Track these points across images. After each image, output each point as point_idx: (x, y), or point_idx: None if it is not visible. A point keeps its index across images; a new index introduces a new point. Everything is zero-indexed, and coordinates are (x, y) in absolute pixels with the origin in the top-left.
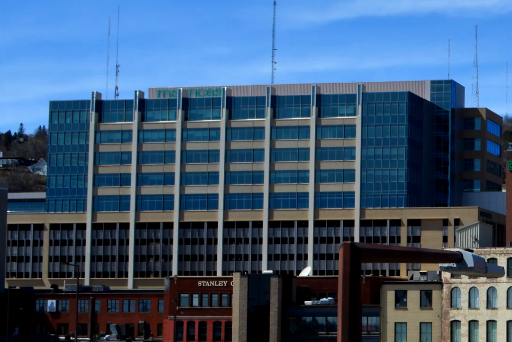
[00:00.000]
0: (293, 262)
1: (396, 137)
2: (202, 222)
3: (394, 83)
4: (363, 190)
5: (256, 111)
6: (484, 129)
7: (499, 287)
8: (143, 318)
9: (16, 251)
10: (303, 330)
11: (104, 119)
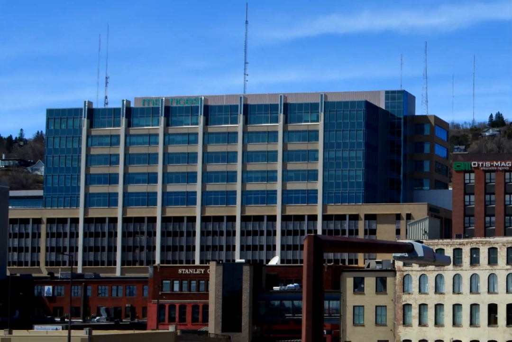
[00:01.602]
0: (263, 252)
1: (354, 141)
2: (182, 216)
3: (352, 93)
4: (325, 188)
5: (230, 118)
6: (433, 134)
7: (446, 274)
8: (130, 302)
9: (17, 242)
10: (271, 313)
11: (95, 125)
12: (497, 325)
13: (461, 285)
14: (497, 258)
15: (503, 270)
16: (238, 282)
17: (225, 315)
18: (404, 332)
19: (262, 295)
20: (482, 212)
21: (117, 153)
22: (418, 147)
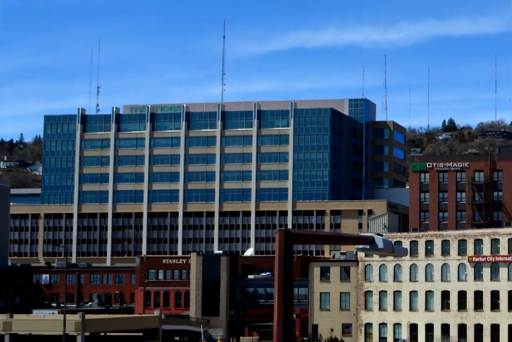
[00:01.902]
0: (238, 244)
1: (321, 144)
2: (166, 212)
3: (319, 101)
4: (294, 186)
5: (209, 124)
6: (391, 138)
7: (404, 264)
8: (119, 289)
9: (17, 235)
10: (246, 299)
11: (88, 130)
12: (449, 310)
13: (417, 274)
14: (450, 249)
15: (455, 260)
16: (217, 271)
17: (204, 300)
18: (365, 316)
19: (238, 282)
20: (436, 208)
21: (108, 155)
22: (378, 150)
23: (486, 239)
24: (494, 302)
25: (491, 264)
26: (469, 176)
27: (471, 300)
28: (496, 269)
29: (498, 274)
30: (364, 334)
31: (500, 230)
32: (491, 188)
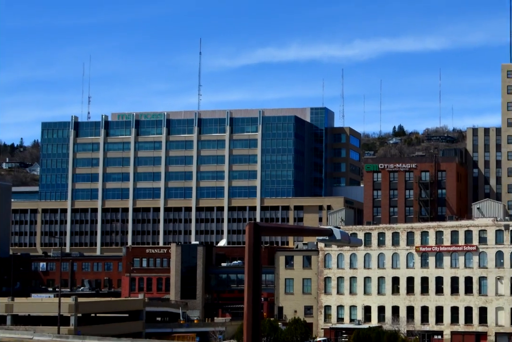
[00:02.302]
0: (213, 236)
1: (285, 148)
2: (149, 207)
3: (284, 110)
4: (262, 185)
5: (187, 130)
6: (348, 142)
7: (359, 253)
8: (107, 275)
9: (18, 228)
10: (220, 284)
11: (80, 135)
12: (399, 293)
13: (370, 262)
14: (399, 240)
15: (404, 250)
16: (193, 260)
17: (183, 285)
18: (325, 299)
19: (213, 270)
20: (387, 204)
21: (98, 157)
22: (336, 153)
23: (431, 231)
24: (439, 286)
25: (435, 253)
26: (416, 176)
27: (418, 285)
28: (440, 258)
29: (442, 262)
30: (324, 315)
31: (443, 223)
32: (435, 186)
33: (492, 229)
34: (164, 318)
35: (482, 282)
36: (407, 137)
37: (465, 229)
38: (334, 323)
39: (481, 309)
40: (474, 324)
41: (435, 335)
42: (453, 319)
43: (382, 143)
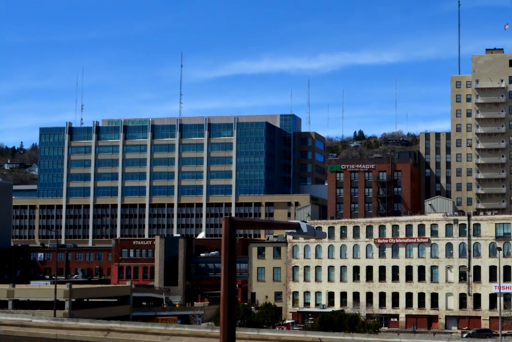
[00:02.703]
0: (193, 229)
1: (258, 151)
2: (135, 203)
3: (256, 116)
4: (237, 183)
5: (170, 134)
6: (313, 145)
7: (323, 245)
8: (98, 265)
9: (18, 222)
10: (199, 272)
11: (74, 139)
12: (359, 281)
13: (334, 252)
14: (359, 233)
15: (363, 242)
16: (175, 250)
17: (166, 273)
18: (293, 286)
19: (193, 259)
20: (349, 201)
21: (90, 159)
22: (303, 155)
23: (388, 225)
24: (395, 274)
25: (392, 245)
26: (375, 175)
27: (377, 273)
28: (396, 249)
29: (398, 253)
30: (292, 300)
31: (399, 218)
32: (392, 185)
33: (442, 223)
34: (149, 302)
35: (433, 271)
36: (366, 141)
37: (418, 223)
38: (301, 307)
39: (432, 295)
40: (427, 308)
41: (391, 318)
42: (408, 304)
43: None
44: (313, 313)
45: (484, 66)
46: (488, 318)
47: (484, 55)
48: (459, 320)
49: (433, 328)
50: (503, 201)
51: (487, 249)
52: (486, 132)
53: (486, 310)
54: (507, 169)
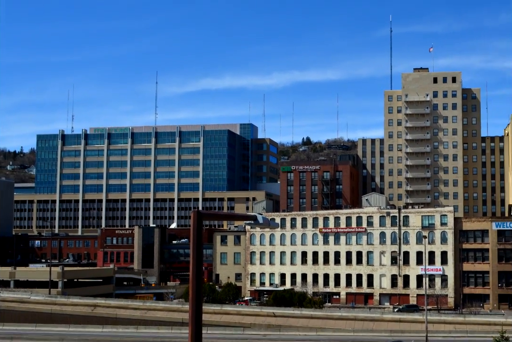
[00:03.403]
0: (166, 220)
1: (221, 154)
2: (118, 198)
3: (220, 125)
4: (203, 182)
5: (147, 140)
6: (268, 149)
7: (276, 234)
8: (86, 250)
9: (19, 214)
10: (171, 256)
11: (66, 144)
12: (307, 264)
13: (285, 240)
14: (307, 224)
15: (310, 231)
16: (151, 238)
17: (143, 258)
18: (251, 268)
19: (166, 246)
20: (298, 196)
21: (79, 161)
22: (259, 158)
23: (331, 217)
24: (337, 259)
25: (334, 234)
26: (320, 175)
27: (321, 257)
28: (338, 237)
29: (339, 240)
30: (250, 280)
31: (340, 211)
32: (334, 183)
33: (377, 215)
34: (129, 282)
35: (369, 255)
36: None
37: (356, 215)
38: (257, 286)
39: (368, 276)
40: (364, 287)
41: (334, 295)
42: (348, 283)
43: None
44: (267, 291)
45: (412, 83)
46: (416, 296)
47: (412, 73)
48: (391, 297)
49: (369, 304)
50: (428, 197)
51: (414, 237)
52: (413, 138)
53: (413, 289)
54: (432, 170)
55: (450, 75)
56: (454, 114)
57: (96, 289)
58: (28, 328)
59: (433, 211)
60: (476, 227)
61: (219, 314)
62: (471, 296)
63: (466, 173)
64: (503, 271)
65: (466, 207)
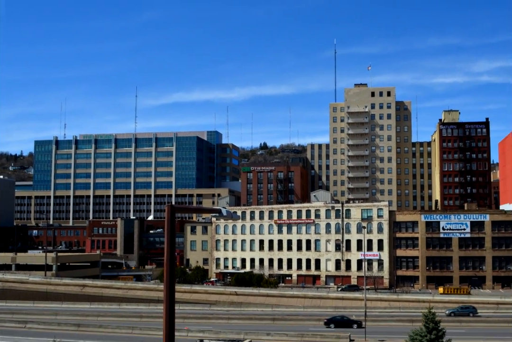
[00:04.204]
0: (145, 213)
1: (191, 157)
2: (103, 195)
3: (190, 132)
4: (176, 180)
5: (128, 145)
6: (231, 153)
7: (238, 224)
8: (77, 238)
9: (19, 208)
10: (149, 244)
11: (59, 149)
12: (264, 250)
13: (245, 230)
14: (264, 216)
15: (267, 222)
16: (132, 228)
17: (125, 245)
18: (216, 254)
19: (144, 235)
20: (256, 193)
21: (70, 163)
22: (223, 160)
23: (284, 210)
24: (289, 246)
25: (287, 224)
26: (275, 175)
27: (276, 244)
28: (290, 227)
29: (291, 230)
30: (215, 264)
31: (292, 205)
32: (287, 181)
33: (323, 209)
34: (113, 265)
35: (317, 243)
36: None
37: (306, 209)
38: (222, 269)
39: (316, 260)
40: (312, 270)
41: (286, 277)
42: (298, 267)
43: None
44: (230, 273)
45: (353, 96)
46: (356, 277)
47: (353, 88)
48: (335, 279)
49: (317, 284)
50: (366, 193)
51: (355, 227)
52: (354, 143)
53: (354, 271)
54: (370, 170)
55: (385, 90)
56: (389, 123)
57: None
58: (27, 305)
59: (371, 205)
60: (407, 218)
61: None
62: (403, 277)
63: (399, 172)
64: (430, 256)
65: (399, 202)
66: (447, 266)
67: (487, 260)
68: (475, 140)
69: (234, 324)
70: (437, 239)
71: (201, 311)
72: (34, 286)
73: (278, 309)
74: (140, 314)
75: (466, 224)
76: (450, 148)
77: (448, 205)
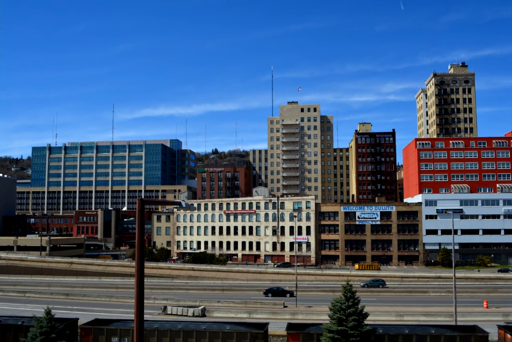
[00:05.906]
0: (120, 205)
1: (156, 160)
2: (87, 190)
3: (157, 140)
4: (146, 179)
5: (106, 151)
6: (189, 157)
7: (195, 214)
8: (66, 225)
9: (20, 201)
10: (124, 229)
11: (52, 153)
12: (215, 234)
13: (200, 218)
14: (216, 207)
15: (218, 212)
16: (110, 217)
17: (104, 230)
18: (177, 238)
19: (120, 222)
20: (209, 189)
21: (60, 165)
22: (183, 162)
23: (232, 203)
24: (236, 231)
25: (234, 214)
26: (224, 174)
27: (225, 230)
28: (236, 216)
29: (237, 219)
30: (177, 246)
31: (238, 199)
32: (234, 180)
33: (263, 202)
34: (95, 247)
35: (257, 229)
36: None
37: (249, 202)
38: (182, 250)
39: (257, 243)
40: (254, 250)
41: (233, 256)
42: (243, 248)
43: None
44: (188, 253)
45: (286, 112)
46: (289, 256)
47: (287, 105)
48: (272, 257)
49: (257, 261)
50: (297, 189)
51: (288, 216)
52: (287, 149)
53: (288, 251)
54: (300, 171)
55: (312, 107)
56: (315, 133)
57: (72, 252)
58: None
59: (301, 199)
60: (330, 209)
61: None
62: (327, 256)
63: (323, 173)
64: (348, 239)
65: (323, 196)
66: (361, 247)
67: (393, 242)
68: (384, 147)
69: (192, 293)
70: (354, 225)
71: (165, 283)
72: (32, 263)
73: (227, 282)
74: (117, 285)
75: (376, 214)
76: (364, 153)
77: (363, 198)
